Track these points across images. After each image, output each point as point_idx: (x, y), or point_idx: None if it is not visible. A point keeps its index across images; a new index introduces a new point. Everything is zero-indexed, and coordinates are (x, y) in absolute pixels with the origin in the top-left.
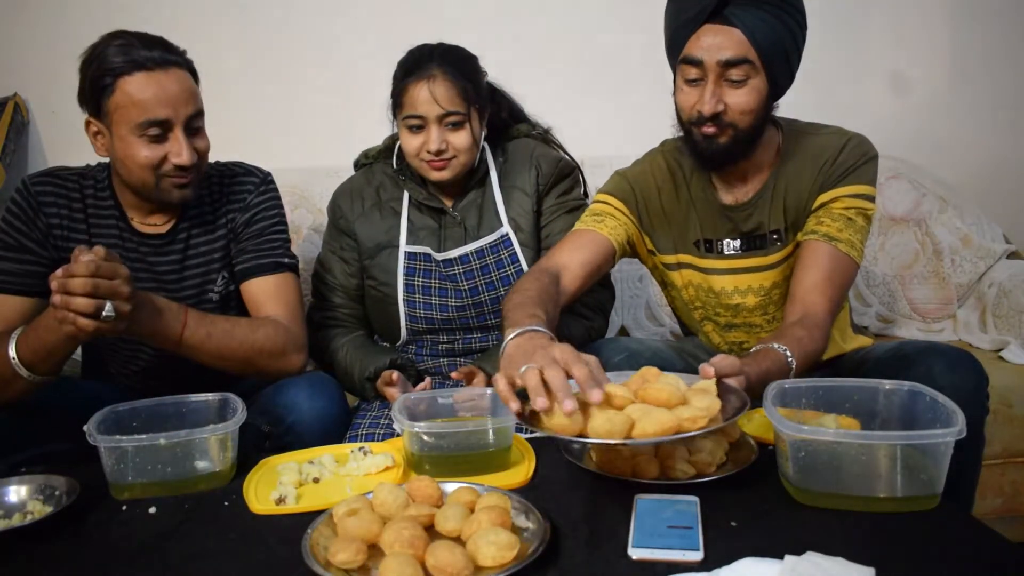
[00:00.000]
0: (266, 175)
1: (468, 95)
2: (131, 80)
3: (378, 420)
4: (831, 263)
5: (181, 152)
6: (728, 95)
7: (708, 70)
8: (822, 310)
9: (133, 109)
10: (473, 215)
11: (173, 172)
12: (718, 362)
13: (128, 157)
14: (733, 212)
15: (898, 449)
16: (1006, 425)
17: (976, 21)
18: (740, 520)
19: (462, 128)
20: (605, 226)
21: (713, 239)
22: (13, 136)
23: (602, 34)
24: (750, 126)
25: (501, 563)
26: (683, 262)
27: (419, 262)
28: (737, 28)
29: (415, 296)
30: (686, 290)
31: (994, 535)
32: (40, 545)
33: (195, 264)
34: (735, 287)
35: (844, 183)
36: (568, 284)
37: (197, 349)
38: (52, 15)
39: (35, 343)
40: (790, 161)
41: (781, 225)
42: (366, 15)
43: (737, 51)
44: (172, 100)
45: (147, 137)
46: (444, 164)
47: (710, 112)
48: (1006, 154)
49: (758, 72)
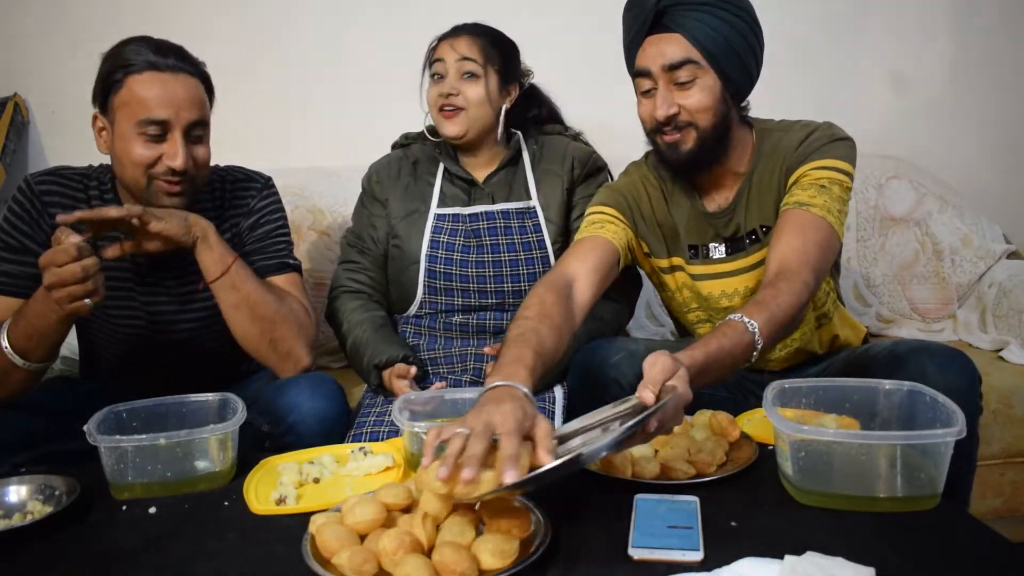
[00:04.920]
0: (267, 180)
1: (487, 53)
2: (139, 78)
3: (382, 419)
4: (804, 224)
5: (176, 155)
6: (679, 97)
7: (657, 77)
8: (796, 264)
9: (136, 106)
10: (503, 190)
11: (165, 175)
12: (651, 374)
13: (124, 153)
14: (714, 218)
15: (898, 449)
16: (1006, 425)
17: (976, 21)
18: (740, 520)
19: (476, 81)
20: (607, 231)
21: (699, 245)
22: (13, 136)
23: None
24: (711, 124)
25: (503, 563)
26: (675, 265)
27: (447, 222)
28: (677, 33)
29: (438, 252)
30: (680, 293)
31: (994, 535)
32: (40, 545)
33: (194, 262)
34: (722, 291)
35: (811, 159)
36: (583, 291)
37: (240, 283)
38: (52, 15)
39: (27, 329)
40: (762, 162)
41: (758, 224)
42: (368, 16)
43: (678, 54)
44: (175, 102)
45: (145, 136)
46: (454, 113)
47: (664, 116)
48: (1006, 154)
49: (706, 71)
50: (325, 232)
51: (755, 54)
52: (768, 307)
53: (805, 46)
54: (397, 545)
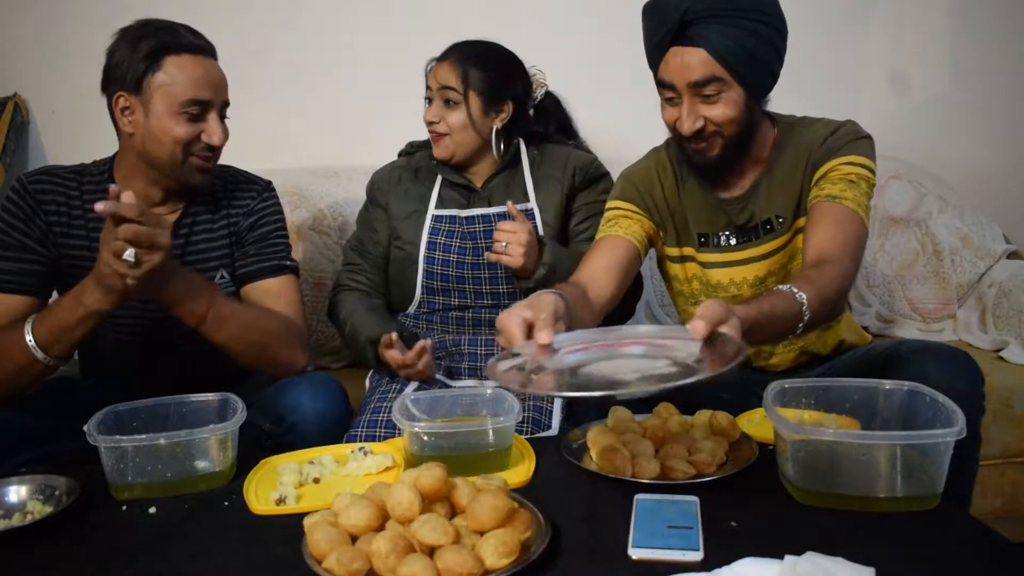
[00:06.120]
0: (268, 183)
1: (468, 78)
2: (179, 60)
3: (376, 420)
4: (839, 217)
5: (215, 132)
6: (705, 110)
7: (680, 91)
8: (837, 252)
9: (177, 87)
10: (500, 192)
11: (202, 151)
12: (705, 313)
13: (164, 132)
14: (728, 206)
15: (898, 449)
16: (1006, 425)
17: (976, 21)
18: (740, 520)
19: (456, 108)
20: (620, 227)
21: (709, 233)
22: (13, 136)
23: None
24: (737, 131)
25: (504, 563)
26: (686, 255)
27: (444, 223)
28: (701, 47)
29: (435, 253)
30: (689, 284)
31: (994, 535)
32: (40, 545)
33: (194, 260)
34: (731, 279)
35: (839, 155)
36: (599, 292)
37: (220, 325)
38: (52, 15)
39: (52, 323)
40: (783, 152)
41: (773, 214)
42: (368, 17)
43: (703, 71)
44: (214, 84)
45: (187, 115)
46: (439, 138)
47: (690, 131)
48: (1006, 154)
49: (730, 85)
50: (325, 232)
51: (780, 55)
52: (815, 283)
53: (805, 46)
54: (391, 548)
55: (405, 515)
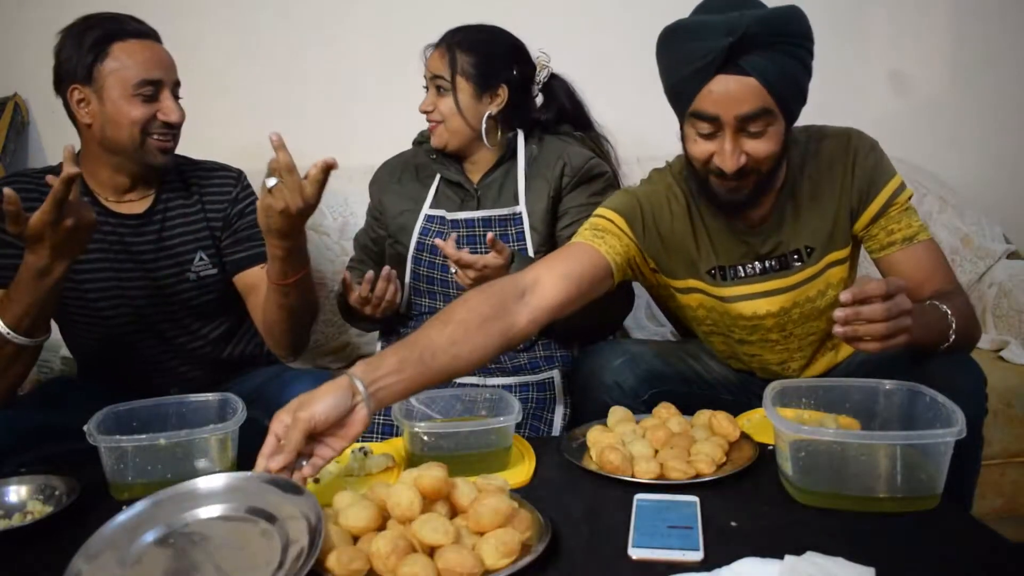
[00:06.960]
0: (240, 172)
1: (456, 64)
2: (126, 45)
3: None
4: (929, 253)
5: (171, 110)
6: (747, 145)
7: (725, 125)
8: (953, 288)
9: (128, 70)
10: (493, 191)
11: (160, 129)
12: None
13: (120, 115)
14: (750, 236)
15: (898, 449)
16: (1006, 425)
17: (976, 21)
18: (740, 520)
19: (446, 95)
20: (604, 243)
21: (727, 266)
22: (13, 136)
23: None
24: (773, 167)
25: (505, 563)
26: (693, 287)
27: (435, 224)
28: (752, 76)
29: (423, 254)
30: (698, 310)
31: (994, 535)
32: (40, 545)
33: (172, 244)
34: (754, 311)
35: (877, 190)
36: (542, 298)
37: (308, 284)
38: (52, 15)
39: (17, 305)
40: (803, 175)
41: (802, 244)
42: (366, 16)
43: (755, 103)
44: (163, 65)
45: (140, 96)
46: (434, 126)
47: (733, 170)
48: (1006, 154)
49: (776, 118)
50: (325, 232)
51: (811, 75)
52: (959, 308)
53: None
54: (391, 548)
55: (405, 515)
